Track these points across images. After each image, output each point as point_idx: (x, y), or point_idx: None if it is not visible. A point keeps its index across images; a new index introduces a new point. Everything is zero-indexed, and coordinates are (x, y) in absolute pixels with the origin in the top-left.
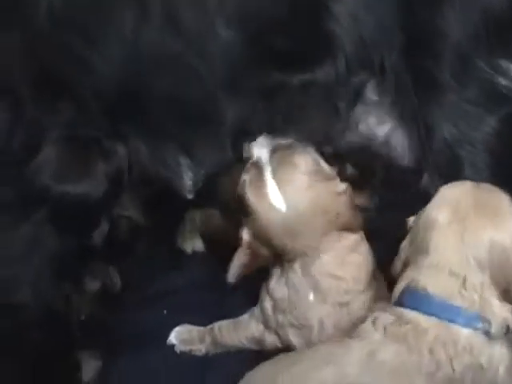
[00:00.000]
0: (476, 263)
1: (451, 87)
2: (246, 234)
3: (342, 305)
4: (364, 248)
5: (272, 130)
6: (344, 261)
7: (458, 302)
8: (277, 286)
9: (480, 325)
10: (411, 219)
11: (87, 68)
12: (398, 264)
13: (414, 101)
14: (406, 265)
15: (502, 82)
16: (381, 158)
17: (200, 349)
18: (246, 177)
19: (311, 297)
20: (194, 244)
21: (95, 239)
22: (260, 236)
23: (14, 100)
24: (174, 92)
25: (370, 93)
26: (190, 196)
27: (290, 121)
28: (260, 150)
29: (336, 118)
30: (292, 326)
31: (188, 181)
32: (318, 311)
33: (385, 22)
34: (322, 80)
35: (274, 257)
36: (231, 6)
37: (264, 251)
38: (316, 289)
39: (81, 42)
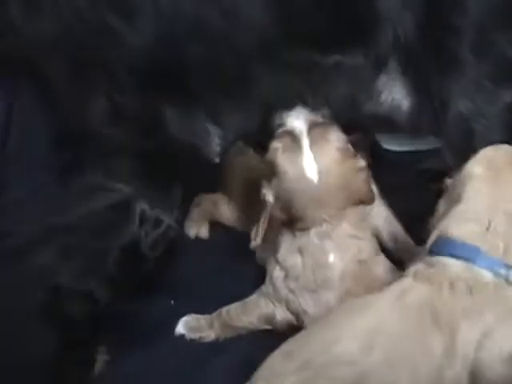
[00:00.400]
0: (503, 213)
1: (469, 62)
2: (270, 196)
3: (361, 262)
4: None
5: (301, 103)
6: (361, 226)
7: (482, 246)
8: (288, 254)
9: (502, 270)
10: (448, 180)
11: (120, 40)
12: (433, 220)
13: (434, 75)
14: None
15: None
16: (400, 126)
17: (209, 335)
18: (278, 143)
19: (331, 258)
20: (199, 230)
21: None
22: (283, 200)
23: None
24: (207, 61)
25: (393, 66)
26: (217, 160)
27: (319, 95)
28: (297, 120)
29: (362, 91)
30: (308, 290)
31: (216, 147)
32: (338, 268)
33: None
34: (352, 60)
35: (287, 224)
36: None
37: (280, 215)
38: (336, 250)
39: (114, 15)
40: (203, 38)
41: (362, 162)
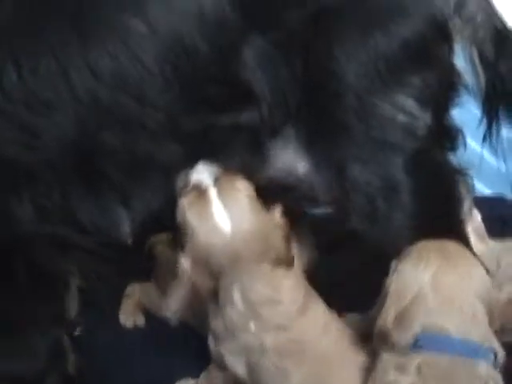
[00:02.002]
0: (478, 298)
1: (356, 128)
2: (185, 261)
3: (280, 328)
4: (298, 272)
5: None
6: (279, 285)
7: (474, 337)
8: (216, 320)
9: (491, 356)
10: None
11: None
12: (387, 321)
13: (326, 142)
14: (398, 318)
15: (401, 118)
16: (298, 194)
17: None
18: (185, 201)
19: (252, 325)
20: (136, 318)
21: None
22: (199, 259)
23: None
24: (119, 145)
25: (287, 132)
26: (129, 241)
27: (217, 158)
28: (201, 174)
29: (258, 156)
30: (234, 354)
31: (126, 228)
32: (258, 337)
33: (288, 69)
34: (247, 122)
35: (213, 290)
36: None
37: (203, 280)
38: (256, 318)
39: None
40: (118, 123)
41: (278, 218)
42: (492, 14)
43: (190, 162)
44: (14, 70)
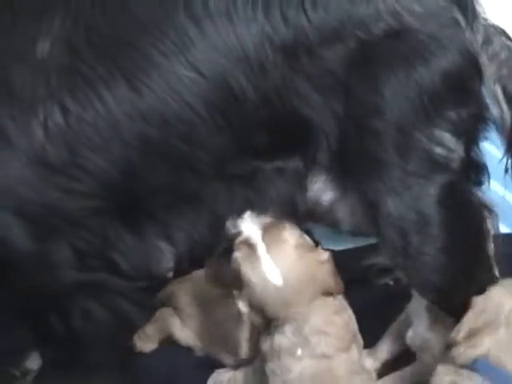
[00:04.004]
0: None
1: (393, 162)
2: (243, 307)
3: (324, 357)
4: (348, 311)
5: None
6: (330, 321)
7: None
8: (265, 343)
9: None
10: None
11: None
12: (461, 331)
13: (360, 176)
14: (472, 333)
15: (439, 151)
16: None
17: None
18: (238, 254)
19: (299, 352)
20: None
21: None
22: (255, 307)
23: None
24: (164, 183)
25: (320, 167)
26: (170, 275)
27: (260, 195)
28: (249, 227)
29: (298, 189)
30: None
31: (169, 262)
32: (304, 362)
33: (328, 109)
34: (293, 165)
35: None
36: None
37: (257, 320)
38: (305, 345)
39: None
40: (166, 164)
41: (324, 254)
42: None
43: (234, 197)
44: (60, 113)
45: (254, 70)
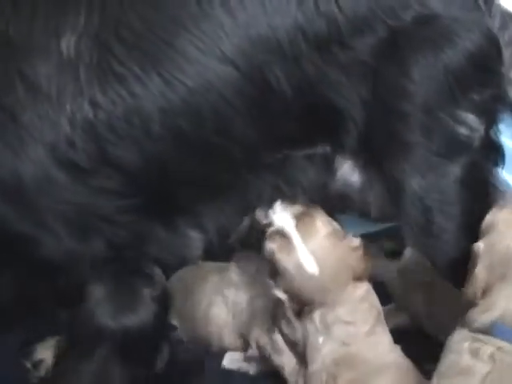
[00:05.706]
0: None
1: (419, 143)
2: (281, 294)
3: (344, 344)
4: (373, 296)
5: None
6: (356, 308)
7: None
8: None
9: None
10: (480, 245)
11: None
12: (475, 290)
13: (385, 157)
14: (485, 291)
15: (463, 131)
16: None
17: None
18: (272, 244)
19: (321, 340)
20: None
21: (158, 365)
22: (292, 294)
23: None
24: (196, 173)
25: (347, 149)
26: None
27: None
28: (282, 217)
29: (327, 173)
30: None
31: (198, 250)
32: (324, 351)
33: (355, 87)
34: (322, 151)
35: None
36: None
37: (294, 306)
38: (327, 334)
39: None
40: (199, 156)
41: (356, 241)
42: None
43: (264, 185)
44: (90, 109)
45: (288, 62)
